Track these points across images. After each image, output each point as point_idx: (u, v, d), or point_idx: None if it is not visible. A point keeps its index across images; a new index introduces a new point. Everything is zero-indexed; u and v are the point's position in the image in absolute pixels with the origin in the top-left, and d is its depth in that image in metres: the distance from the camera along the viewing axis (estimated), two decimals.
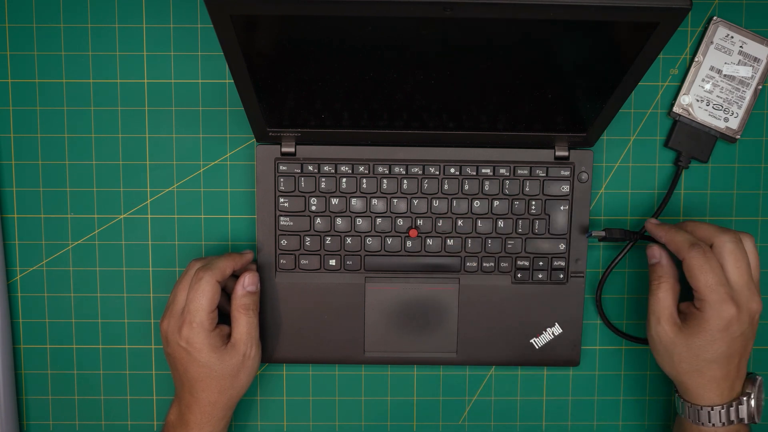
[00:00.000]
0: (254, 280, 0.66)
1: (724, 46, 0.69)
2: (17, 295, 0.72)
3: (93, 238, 0.72)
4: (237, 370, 0.65)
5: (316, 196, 0.70)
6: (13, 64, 0.70)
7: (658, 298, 0.65)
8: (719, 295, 0.61)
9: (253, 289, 0.66)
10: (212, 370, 0.64)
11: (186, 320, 0.63)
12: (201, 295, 0.63)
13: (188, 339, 0.63)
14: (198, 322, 0.63)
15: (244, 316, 0.65)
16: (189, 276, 0.65)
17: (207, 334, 0.63)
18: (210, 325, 0.64)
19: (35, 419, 0.73)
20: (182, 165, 0.71)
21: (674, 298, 0.65)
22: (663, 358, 0.65)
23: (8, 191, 0.71)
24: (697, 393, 0.64)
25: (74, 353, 0.73)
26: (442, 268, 0.71)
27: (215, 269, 0.64)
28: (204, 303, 0.63)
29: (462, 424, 0.74)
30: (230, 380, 0.65)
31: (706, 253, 0.62)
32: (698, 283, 0.61)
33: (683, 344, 0.62)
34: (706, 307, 0.61)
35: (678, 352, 0.63)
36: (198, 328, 0.63)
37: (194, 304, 0.63)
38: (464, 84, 0.61)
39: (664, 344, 0.64)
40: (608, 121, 0.65)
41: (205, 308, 0.63)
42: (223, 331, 0.65)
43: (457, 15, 0.50)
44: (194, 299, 0.63)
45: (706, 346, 0.62)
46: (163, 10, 0.70)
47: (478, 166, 0.70)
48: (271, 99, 0.62)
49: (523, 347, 0.71)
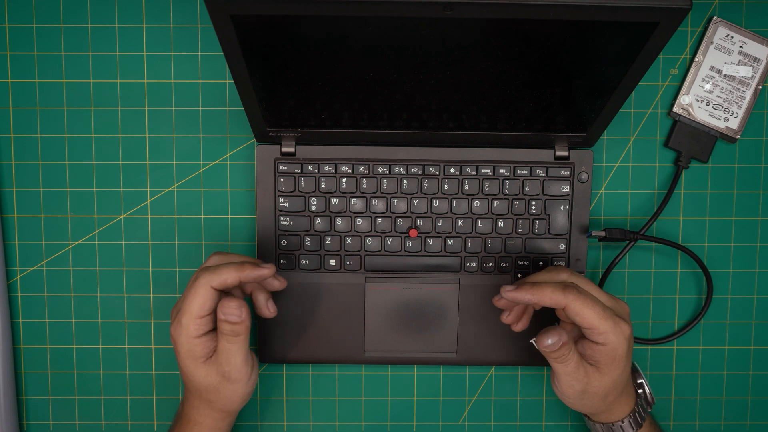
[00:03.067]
0: (234, 311, 0.59)
1: (724, 46, 0.69)
2: (17, 295, 0.72)
3: (93, 238, 0.72)
4: (214, 388, 0.61)
5: (316, 196, 0.70)
6: (13, 64, 0.70)
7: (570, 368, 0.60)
8: (612, 319, 0.59)
9: (233, 319, 0.59)
10: (188, 378, 0.61)
11: (176, 318, 0.60)
12: (192, 298, 0.59)
13: (174, 338, 0.61)
14: (183, 324, 0.59)
15: (222, 339, 0.60)
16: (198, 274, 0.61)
17: (188, 339, 0.60)
18: (195, 331, 0.59)
19: (35, 419, 0.73)
20: (182, 165, 0.71)
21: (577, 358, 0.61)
22: (573, 403, 0.63)
23: (8, 191, 0.71)
24: (606, 416, 0.64)
25: (74, 353, 0.73)
26: (442, 268, 0.71)
27: (215, 275, 0.59)
28: (193, 306, 0.59)
29: (462, 424, 0.74)
30: (207, 395, 0.62)
31: (579, 289, 0.59)
32: (590, 319, 0.58)
33: (598, 383, 0.61)
34: (609, 337, 0.59)
35: (591, 391, 0.61)
36: (182, 329, 0.60)
37: (184, 304, 0.60)
38: (464, 84, 0.61)
39: (576, 391, 0.61)
40: (608, 121, 0.65)
41: (193, 312, 0.59)
42: (209, 343, 0.61)
43: (457, 15, 0.50)
44: (185, 299, 0.60)
45: (622, 372, 0.61)
46: (163, 10, 0.70)
47: (478, 166, 0.70)
48: (271, 99, 0.62)
49: (523, 347, 0.71)
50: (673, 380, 0.74)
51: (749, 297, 0.73)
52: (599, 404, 0.63)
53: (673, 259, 0.73)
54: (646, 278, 0.73)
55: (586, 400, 0.62)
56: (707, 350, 0.74)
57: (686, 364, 0.74)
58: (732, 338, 0.74)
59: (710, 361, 0.74)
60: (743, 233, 0.73)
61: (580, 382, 0.61)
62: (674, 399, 0.74)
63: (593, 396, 0.62)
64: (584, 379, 0.61)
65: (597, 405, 0.63)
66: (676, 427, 0.74)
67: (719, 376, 0.74)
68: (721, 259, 0.73)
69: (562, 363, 0.60)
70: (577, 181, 0.70)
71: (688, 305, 0.73)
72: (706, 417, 0.74)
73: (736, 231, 0.73)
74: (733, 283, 0.73)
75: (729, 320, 0.73)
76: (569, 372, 0.60)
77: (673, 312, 0.73)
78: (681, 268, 0.73)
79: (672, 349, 0.74)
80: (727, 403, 0.74)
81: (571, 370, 0.60)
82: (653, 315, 0.73)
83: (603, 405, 0.63)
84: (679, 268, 0.73)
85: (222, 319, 0.59)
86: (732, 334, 0.74)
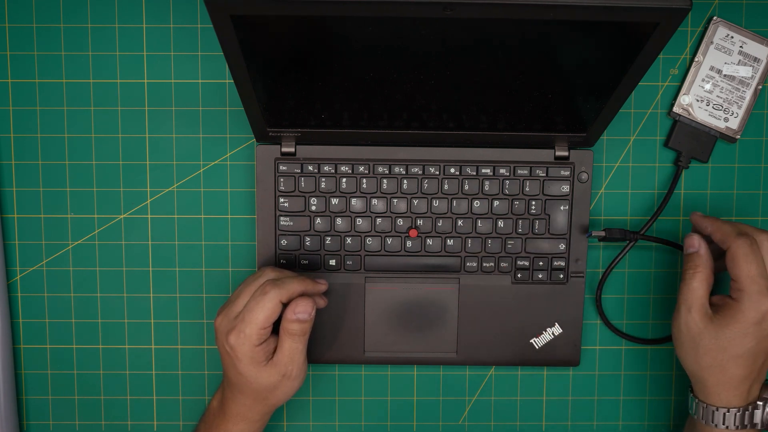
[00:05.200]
0: (308, 309, 0.63)
1: (724, 46, 0.69)
2: (17, 295, 0.72)
3: (93, 238, 0.72)
4: (273, 386, 0.64)
5: (316, 196, 0.70)
6: (13, 64, 0.70)
7: (691, 287, 0.63)
8: (759, 286, 0.60)
9: (304, 317, 0.63)
10: (248, 381, 0.63)
11: (237, 327, 0.62)
12: (260, 310, 0.61)
13: (233, 346, 0.62)
14: (247, 334, 0.61)
15: (288, 340, 0.63)
16: (257, 284, 0.63)
17: (251, 348, 0.62)
18: (258, 340, 0.62)
19: (35, 419, 0.73)
20: (182, 165, 0.71)
21: (707, 288, 0.63)
22: (687, 351, 0.63)
23: (8, 191, 0.71)
24: (715, 392, 0.62)
25: (74, 353, 0.73)
26: (442, 268, 0.71)
27: (284, 289, 0.62)
28: (260, 318, 0.61)
29: (462, 424, 0.74)
30: (265, 393, 0.64)
31: (753, 244, 0.61)
32: (740, 272, 0.60)
33: (712, 336, 0.61)
34: (744, 298, 0.60)
35: (704, 344, 0.61)
36: (245, 339, 0.61)
37: (250, 315, 0.61)
38: (464, 84, 0.61)
39: (692, 335, 0.62)
40: (608, 121, 0.65)
41: (259, 323, 0.61)
42: (269, 346, 0.63)
43: (457, 15, 0.50)
44: (252, 310, 0.62)
45: (735, 339, 0.60)
46: (163, 10, 0.70)
47: (478, 166, 0.70)
48: (271, 99, 0.62)
49: (523, 347, 0.71)
50: (673, 380, 0.74)
51: None
52: (710, 367, 0.62)
53: (673, 259, 0.73)
54: (646, 278, 0.73)
55: (700, 353, 0.62)
56: None
57: None
58: None
59: None
60: None
61: (696, 325, 0.62)
62: (674, 399, 0.74)
63: (705, 351, 0.61)
64: (701, 323, 0.61)
65: (707, 366, 0.62)
66: (675, 427, 0.74)
67: None
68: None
69: (690, 276, 0.63)
70: (577, 181, 0.70)
71: None
72: None
73: None
74: None
75: None
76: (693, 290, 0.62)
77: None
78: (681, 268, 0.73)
79: (672, 350, 0.74)
80: None
81: (694, 291, 0.62)
82: (653, 315, 0.73)
83: (714, 374, 0.62)
84: (679, 268, 0.73)
85: (292, 320, 0.62)
86: None
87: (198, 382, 0.73)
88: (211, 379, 0.73)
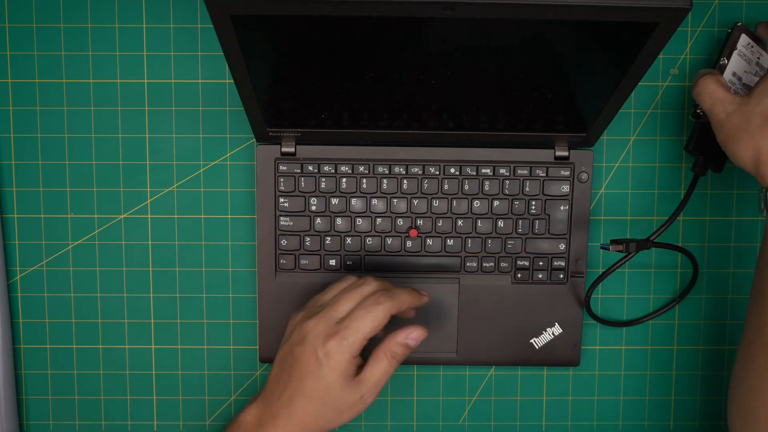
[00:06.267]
0: (422, 337, 0.61)
1: (745, 54, 0.67)
2: (17, 295, 0.72)
3: (93, 238, 0.72)
4: (348, 406, 0.59)
5: (316, 196, 0.70)
6: (13, 64, 0.70)
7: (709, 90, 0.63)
8: None
9: (413, 345, 0.61)
10: (327, 395, 0.59)
11: (339, 333, 0.58)
12: (370, 320, 0.59)
13: (330, 353, 0.58)
14: (350, 342, 0.58)
15: (386, 362, 0.60)
16: (363, 291, 0.61)
17: (350, 358, 0.58)
18: (357, 350, 0.59)
19: (35, 419, 0.73)
20: (182, 165, 0.71)
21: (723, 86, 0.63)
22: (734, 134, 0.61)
23: (8, 191, 0.71)
24: None
25: (74, 353, 0.73)
26: (442, 268, 0.71)
27: (396, 301, 0.60)
28: (368, 328, 0.58)
29: (462, 424, 0.74)
30: (334, 413, 0.59)
31: None
32: None
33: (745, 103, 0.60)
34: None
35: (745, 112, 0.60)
36: (347, 347, 0.58)
37: (357, 323, 0.59)
38: (464, 84, 0.61)
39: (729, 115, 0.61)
40: (608, 121, 0.65)
41: (366, 333, 0.59)
42: (358, 362, 0.60)
43: (457, 15, 0.50)
44: (361, 319, 0.59)
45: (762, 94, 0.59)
46: (163, 10, 0.70)
47: (478, 166, 0.70)
48: (271, 99, 0.62)
49: (523, 347, 0.71)
50: (673, 380, 0.74)
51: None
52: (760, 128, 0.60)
53: (673, 259, 0.73)
54: (646, 278, 0.73)
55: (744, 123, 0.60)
56: (707, 350, 0.74)
57: (686, 365, 0.74)
58: (732, 338, 0.74)
59: (710, 361, 0.74)
60: (743, 233, 0.73)
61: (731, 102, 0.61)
62: (674, 399, 0.74)
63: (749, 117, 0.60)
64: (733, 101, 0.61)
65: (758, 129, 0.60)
66: (676, 426, 0.75)
67: (719, 376, 0.74)
68: (721, 259, 0.73)
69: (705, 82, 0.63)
70: (577, 181, 0.70)
71: (688, 305, 0.73)
72: (707, 417, 0.74)
73: (736, 231, 0.73)
74: (733, 283, 0.73)
75: (729, 320, 0.73)
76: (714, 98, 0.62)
77: (673, 312, 0.73)
78: (681, 268, 0.73)
79: (672, 349, 0.74)
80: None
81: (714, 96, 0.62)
82: None
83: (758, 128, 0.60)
84: (679, 268, 0.73)
85: (401, 343, 0.60)
86: (732, 334, 0.74)
87: (198, 382, 0.73)
88: (212, 379, 0.73)
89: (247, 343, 0.73)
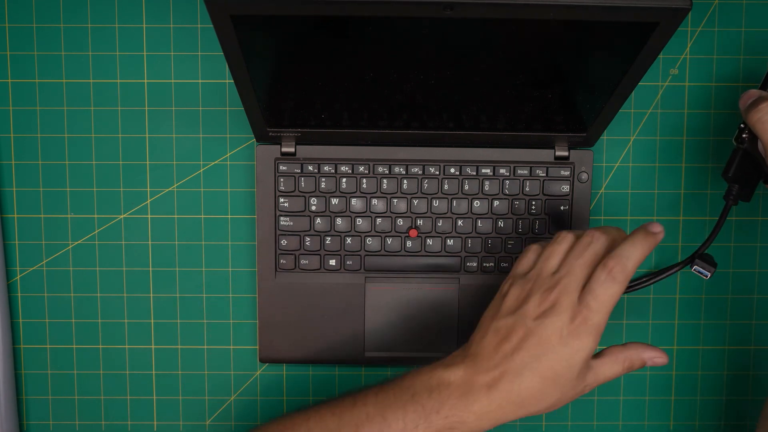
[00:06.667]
0: (662, 364, 0.56)
1: None
2: (17, 295, 0.72)
3: (93, 238, 0.72)
4: (570, 395, 0.54)
5: (316, 196, 0.70)
6: (13, 64, 0.70)
7: None
8: None
9: (649, 366, 0.56)
10: (563, 376, 0.53)
11: (582, 314, 0.52)
12: (612, 296, 0.52)
13: (578, 332, 0.52)
14: (595, 323, 0.52)
15: (620, 368, 0.56)
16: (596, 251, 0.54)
17: (597, 340, 0.53)
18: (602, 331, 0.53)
19: (35, 419, 0.73)
20: (182, 165, 0.71)
21: None
22: None
23: (8, 191, 0.71)
24: None
25: (74, 353, 0.73)
26: (442, 268, 0.71)
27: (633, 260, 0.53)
28: (610, 306, 0.52)
29: None
30: (558, 396, 0.54)
31: None
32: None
33: None
34: None
35: None
36: (594, 330, 0.52)
37: (603, 298, 0.52)
38: (464, 84, 0.61)
39: None
40: (608, 121, 0.65)
41: (609, 311, 0.53)
42: None
43: (457, 15, 0.50)
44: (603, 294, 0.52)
45: None
46: (163, 10, 0.70)
47: (478, 166, 0.70)
48: (271, 99, 0.62)
49: None
50: (673, 380, 0.74)
51: (749, 297, 0.73)
52: None
53: (673, 259, 0.73)
54: None
55: None
56: (707, 350, 0.74)
57: (686, 365, 0.74)
58: (732, 338, 0.74)
59: (710, 361, 0.74)
60: (743, 233, 0.73)
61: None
62: (674, 399, 0.74)
63: None
64: None
65: None
66: (676, 426, 0.74)
67: (719, 376, 0.74)
68: (721, 259, 0.73)
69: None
70: (577, 181, 0.70)
71: (688, 305, 0.73)
72: (707, 417, 0.74)
73: (736, 231, 0.73)
74: (733, 283, 0.73)
75: (729, 320, 0.73)
76: None
77: (673, 312, 0.73)
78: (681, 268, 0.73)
79: (672, 350, 0.74)
80: (728, 404, 0.74)
81: None
82: (653, 315, 0.73)
83: None
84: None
85: (643, 360, 0.56)
86: (732, 334, 0.74)
87: (198, 382, 0.73)
88: (212, 379, 0.73)
89: (247, 343, 0.73)
